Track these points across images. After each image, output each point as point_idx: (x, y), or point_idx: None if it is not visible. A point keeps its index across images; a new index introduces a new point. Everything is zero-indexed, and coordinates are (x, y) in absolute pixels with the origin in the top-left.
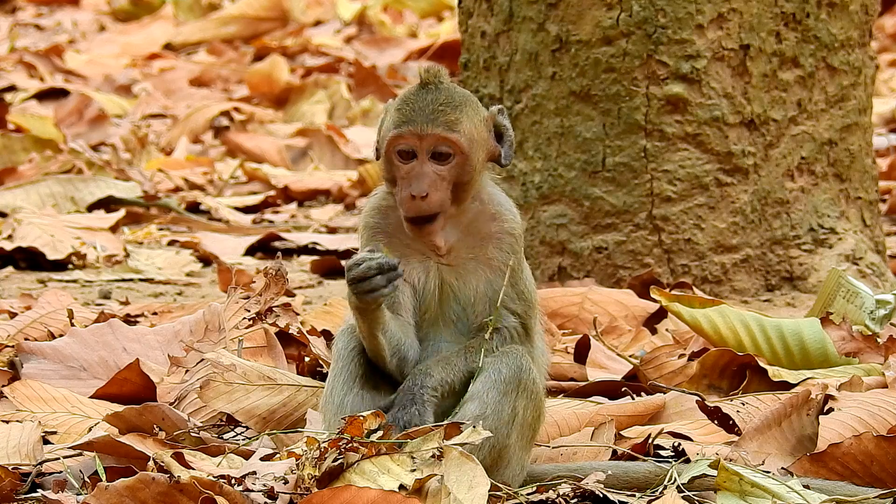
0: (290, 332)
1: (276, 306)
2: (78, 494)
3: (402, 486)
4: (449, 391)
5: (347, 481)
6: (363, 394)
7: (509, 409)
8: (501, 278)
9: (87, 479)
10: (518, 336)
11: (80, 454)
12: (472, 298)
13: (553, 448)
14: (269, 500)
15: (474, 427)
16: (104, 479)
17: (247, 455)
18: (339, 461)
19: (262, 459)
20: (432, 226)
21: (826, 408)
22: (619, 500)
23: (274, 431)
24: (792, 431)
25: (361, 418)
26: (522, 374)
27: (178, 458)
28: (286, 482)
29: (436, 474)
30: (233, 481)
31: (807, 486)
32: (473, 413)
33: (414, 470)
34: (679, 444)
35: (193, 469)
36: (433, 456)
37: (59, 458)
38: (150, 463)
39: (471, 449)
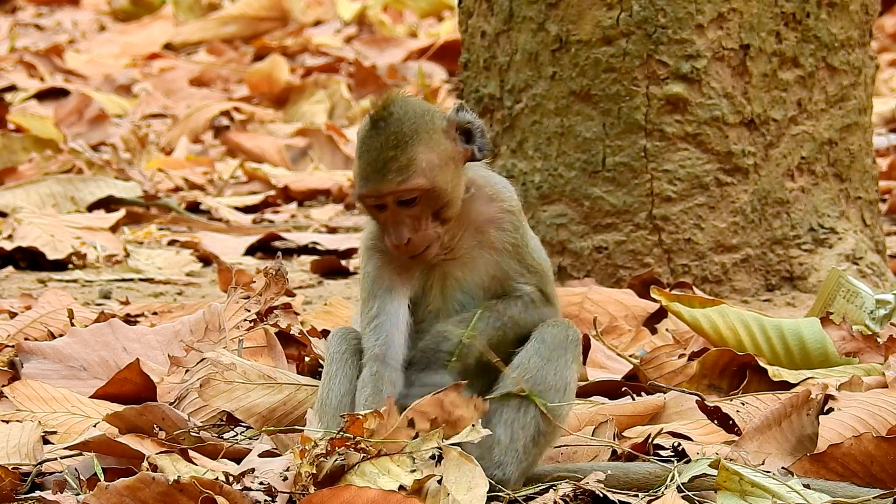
0: (291, 332)
1: (277, 307)
2: (77, 494)
3: (401, 487)
4: (469, 353)
5: (347, 482)
6: None
7: (554, 376)
8: (507, 256)
9: (81, 479)
10: (537, 301)
11: (81, 455)
12: (480, 285)
13: (553, 448)
14: (268, 499)
15: (473, 426)
16: (102, 478)
17: (245, 454)
18: (341, 462)
19: (259, 457)
20: (426, 254)
21: (826, 408)
22: (619, 500)
23: (272, 429)
24: (792, 431)
25: (361, 418)
26: (568, 341)
27: (183, 454)
28: (285, 479)
29: (435, 475)
30: (230, 479)
31: (807, 486)
32: (515, 380)
33: (414, 470)
34: (679, 444)
35: (197, 464)
36: (432, 457)
37: (57, 459)
38: (145, 463)
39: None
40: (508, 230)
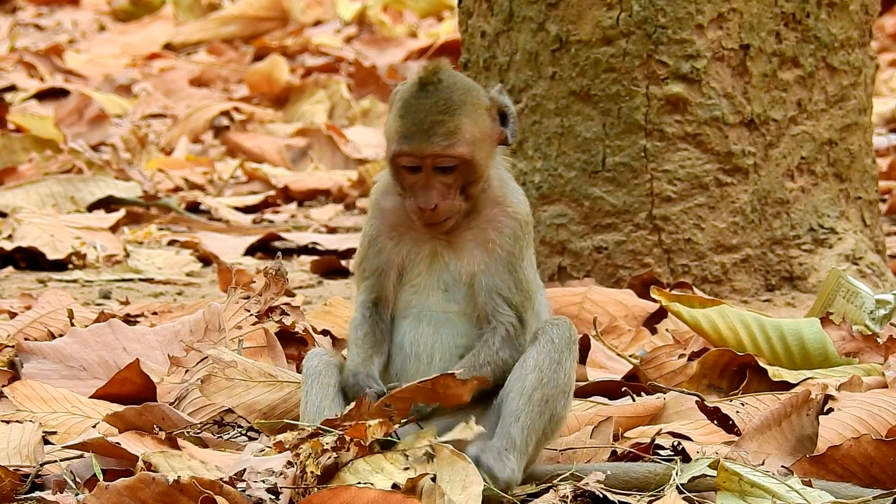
0: (295, 330)
1: (279, 306)
2: (77, 495)
3: (394, 485)
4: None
5: (341, 480)
6: (338, 400)
7: (564, 378)
8: (499, 263)
9: (78, 480)
10: (514, 331)
11: (81, 455)
12: (466, 274)
13: (553, 448)
14: (270, 497)
15: (466, 423)
16: (101, 479)
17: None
18: (334, 460)
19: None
20: (444, 225)
21: (826, 408)
22: (619, 500)
23: (265, 422)
24: (792, 431)
25: (365, 424)
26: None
27: (173, 443)
28: (285, 477)
29: (428, 473)
30: (230, 479)
31: (808, 484)
32: (533, 382)
33: (407, 468)
34: (679, 444)
35: (195, 459)
36: (426, 454)
37: (57, 460)
38: (140, 463)
39: (537, 415)
40: (507, 236)
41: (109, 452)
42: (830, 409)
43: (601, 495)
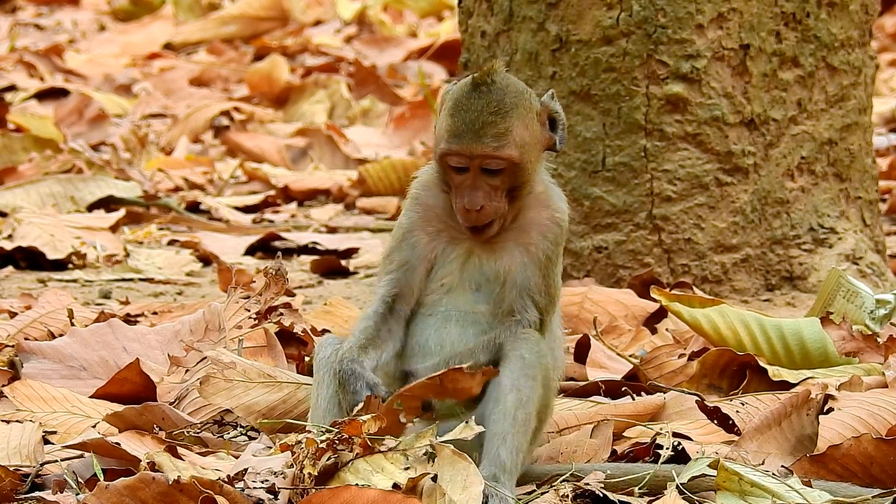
0: (294, 331)
1: (278, 306)
2: (77, 494)
3: (395, 485)
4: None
5: (342, 480)
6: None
7: (541, 391)
8: (536, 266)
9: (80, 480)
10: (535, 329)
11: (81, 455)
12: (500, 274)
13: (553, 448)
14: (270, 497)
15: (466, 423)
16: (101, 478)
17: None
18: (334, 460)
19: (254, 455)
20: (489, 229)
21: (826, 408)
22: (619, 500)
23: (267, 421)
24: (792, 431)
25: (360, 420)
26: (542, 358)
27: (172, 451)
28: (284, 477)
29: (429, 472)
30: (230, 478)
31: (808, 483)
32: (514, 402)
33: (408, 468)
34: (679, 444)
35: (184, 460)
36: (426, 454)
37: (57, 460)
38: (143, 463)
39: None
40: (550, 240)
41: (109, 452)
42: (830, 409)
43: (601, 495)
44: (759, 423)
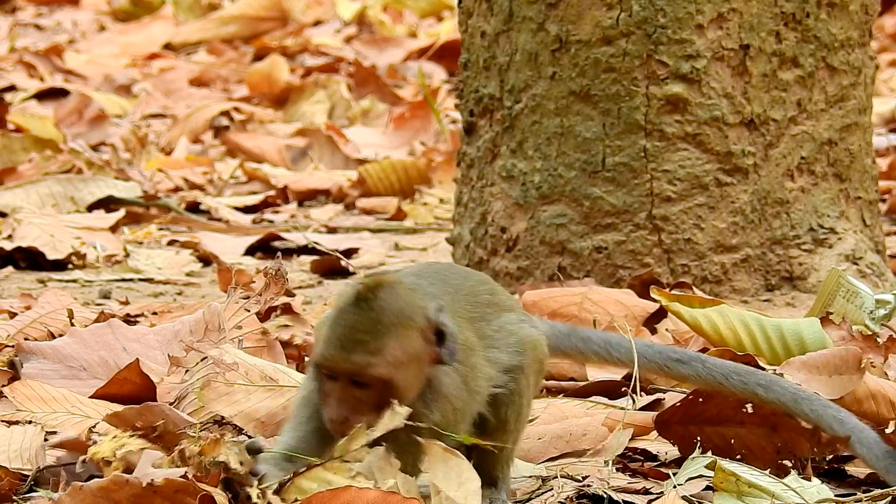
0: (294, 343)
1: (278, 307)
2: (52, 495)
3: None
4: None
5: (287, 497)
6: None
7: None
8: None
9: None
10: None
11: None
12: None
13: (555, 448)
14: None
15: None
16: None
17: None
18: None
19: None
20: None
21: None
22: (620, 501)
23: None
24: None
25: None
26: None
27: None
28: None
29: (374, 479)
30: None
31: (806, 478)
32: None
33: (355, 476)
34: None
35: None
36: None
37: (56, 460)
38: (115, 463)
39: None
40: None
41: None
42: None
43: (602, 495)
44: None
